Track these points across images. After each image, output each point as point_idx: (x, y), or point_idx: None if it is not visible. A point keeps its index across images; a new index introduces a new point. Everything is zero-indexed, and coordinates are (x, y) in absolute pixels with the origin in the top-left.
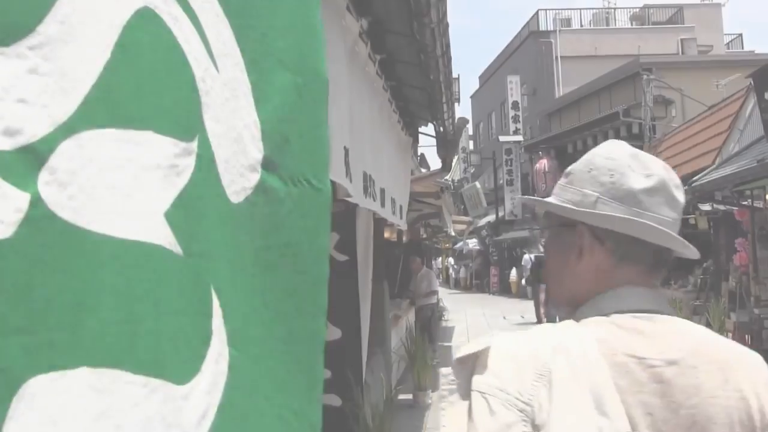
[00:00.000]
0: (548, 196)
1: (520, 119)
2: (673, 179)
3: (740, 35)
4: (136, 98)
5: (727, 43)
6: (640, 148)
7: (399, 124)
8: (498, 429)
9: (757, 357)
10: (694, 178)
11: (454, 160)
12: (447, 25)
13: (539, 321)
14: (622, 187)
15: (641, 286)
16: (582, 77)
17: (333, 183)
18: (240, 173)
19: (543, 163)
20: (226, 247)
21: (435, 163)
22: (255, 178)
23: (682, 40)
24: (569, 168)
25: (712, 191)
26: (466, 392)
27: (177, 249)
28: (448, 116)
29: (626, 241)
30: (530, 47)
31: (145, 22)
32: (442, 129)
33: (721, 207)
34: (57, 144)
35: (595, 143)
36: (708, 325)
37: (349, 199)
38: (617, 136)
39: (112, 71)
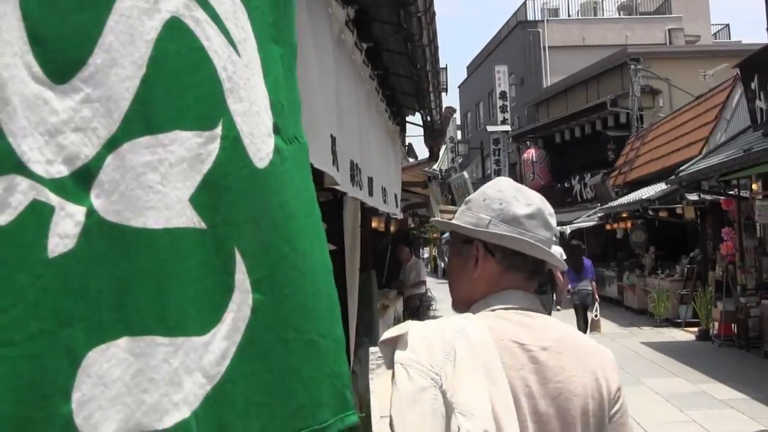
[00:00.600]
0: (536, 186)
1: (508, 109)
2: (548, 208)
3: (727, 25)
4: (165, 104)
5: (715, 34)
6: (627, 137)
7: (386, 113)
8: (414, 391)
9: (606, 350)
10: (681, 168)
11: (442, 150)
12: (434, 13)
13: None
14: (508, 213)
15: (521, 290)
16: (570, 67)
17: (320, 172)
18: (263, 141)
19: (531, 153)
20: (253, 210)
21: (423, 153)
22: (271, 142)
23: (669, 30)
24: (468, 197)
25: (699, 181)
26: (390, 363)
27: (201, 225)
28: (435, 105)
29: (511, 254)
30: (518, 37)
31: (172, 33)
32: (429, 118)
33: (708, 197)
34: (104, 160)
35: (583, 133)
36: (695, 313)
37: (337, 188)
38: (605, 126)
39: (147, 84)
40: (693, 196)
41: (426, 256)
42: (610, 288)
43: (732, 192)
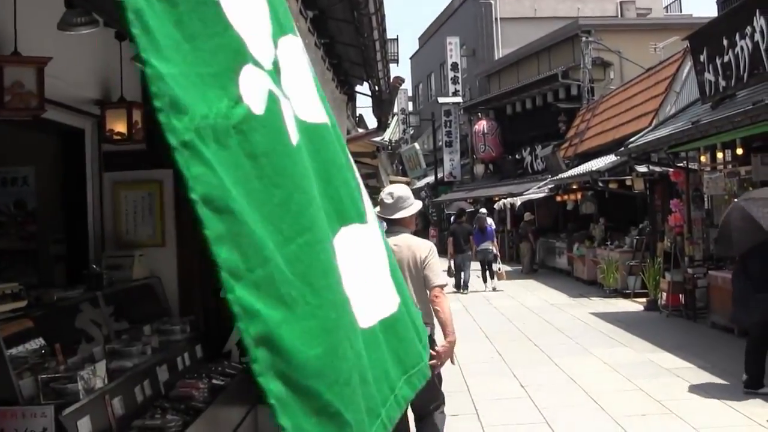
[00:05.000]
0: (487, 157)
1: (460, 81)
2: (398, 192)
3: None
4: (279, 11)
5: (666, 6)
6: (578, 109)
7: (333, 82)
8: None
9: (425, 243)
10: (631, 140)
11: (393, 121)
12: None
13: (449, 268)
14: (381, 201)
15: (401, 225)
16: (521, 39)
17: None
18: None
19: (482, 125)
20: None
21: (374, 124)
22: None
23: (621, 2)
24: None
25: (649, 153)
26: None
27: (329, 123)
28: (383, 75)
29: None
30: (470, 8)
31: None
32: (377, 88)
33: (657, 168)
34: (277, 58)
35: (534, 105)
36: (643, 284)
37: None
38: (556, 98)
39: None
40: (642, 168)
41: None
42: (560, 259)
43: (681, 164)
